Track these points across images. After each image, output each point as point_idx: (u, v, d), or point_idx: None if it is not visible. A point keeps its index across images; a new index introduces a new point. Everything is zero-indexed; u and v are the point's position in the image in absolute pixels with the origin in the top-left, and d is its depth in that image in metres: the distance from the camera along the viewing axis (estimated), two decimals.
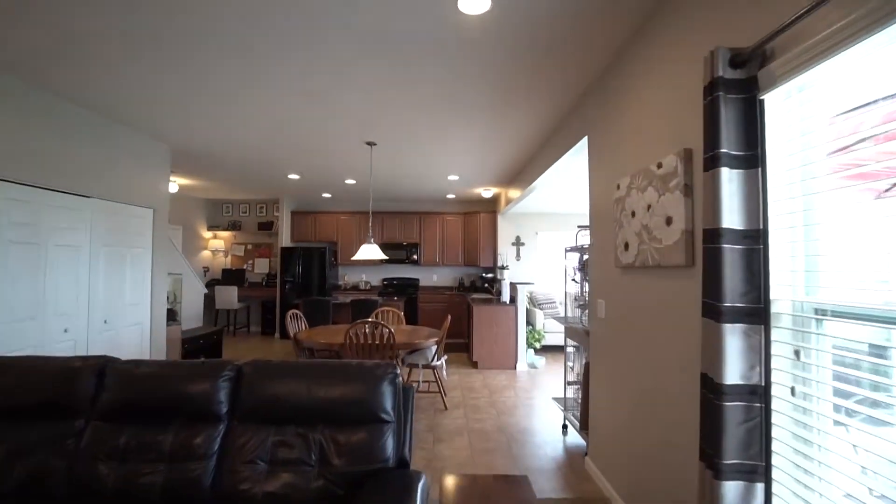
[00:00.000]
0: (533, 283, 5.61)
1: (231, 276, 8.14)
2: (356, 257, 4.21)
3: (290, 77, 2.87)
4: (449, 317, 4.35)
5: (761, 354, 1.27)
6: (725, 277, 1.29)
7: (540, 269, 7.87)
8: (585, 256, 3.29)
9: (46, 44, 2.47)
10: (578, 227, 3.51)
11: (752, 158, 1.30)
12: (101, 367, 1.86)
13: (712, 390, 1.30)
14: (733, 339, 1.27)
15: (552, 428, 3.63)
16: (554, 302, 7.06)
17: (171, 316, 4.83)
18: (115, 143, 3.85)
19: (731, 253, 1.29)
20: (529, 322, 6.47)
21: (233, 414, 1.82)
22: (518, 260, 7.84)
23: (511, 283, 5.88)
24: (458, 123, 3.73)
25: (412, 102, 3.27)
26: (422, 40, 2.36)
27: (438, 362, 4.14)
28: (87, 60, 2.68)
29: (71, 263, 3.41)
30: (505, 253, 7.74)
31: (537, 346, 6.16)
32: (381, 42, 2.39)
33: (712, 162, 1.34)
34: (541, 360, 6.09)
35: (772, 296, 1.29)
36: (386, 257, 4.40)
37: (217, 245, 8.24)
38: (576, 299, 3.51)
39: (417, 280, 8.26)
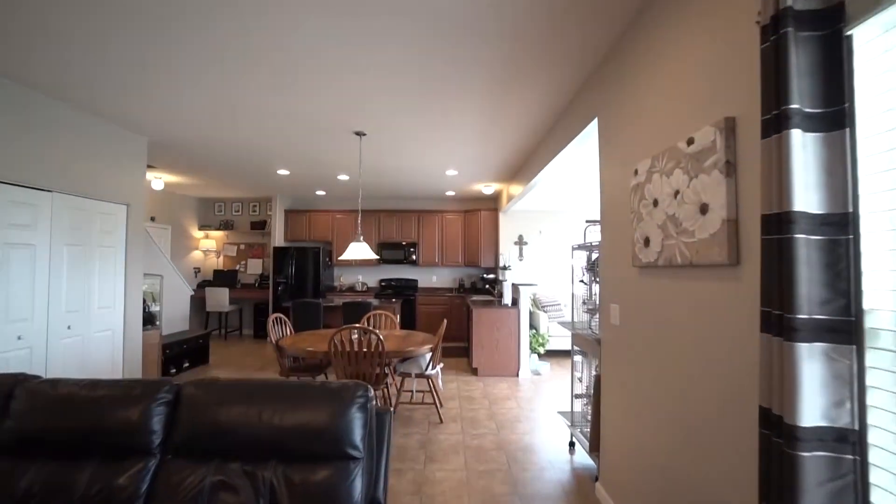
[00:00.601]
0: (536, 285, 5.27)
1: (223, 278, 7.84)
2: (344, 257, 3.88)
3: (266, 58, 2.55)
4: (445, 321, 4.02)
5: (853, 386, 0.92)
6: (798, 280, 0.94)
7: (544, 269, 7.51)
8: (595, 255, 2.94)
9: None
10: (587, 221, 3.17)
11: (836, 117, 0.96)
12: (10, 388, 1.54)
13: (780, 433, 0.96)
14: (811, 364, 0.93)
15: (558, 446, 3.28)
16: (559, 304, 6.70)
17: (150, 320, 4.52)
18: (82, 134, 3.54)
19: (805, 246, 0.95)
20: (533, 326, 6.12)
21: (167, 446, 1.49)
22: (521, 260, 7.49)
23: (513, 285, 5.54)
24: (454, 110, 3.40)
25: (402, 87, 2.94)
26: (406, 8, 2.03)
27: (433, 371, 3.80)
28: (43, 39, 2.37)
29: (25, 264, 3.10)
30: (507, 253, 7.40)
31: (541, 351, 5.81)
32: (364, 15, 2.06)
33: (777, 124, 0.99)
34: (545, 367, 5.74)
35: (865, 305, 0.95)
36: (376, 257, 4.07)
37: (209, 245, 7.94)
38: (584, 303, 3.16)
39: (416, 281, 7.93)
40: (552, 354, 6.41)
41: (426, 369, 3.75)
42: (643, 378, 1.98)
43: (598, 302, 2.83)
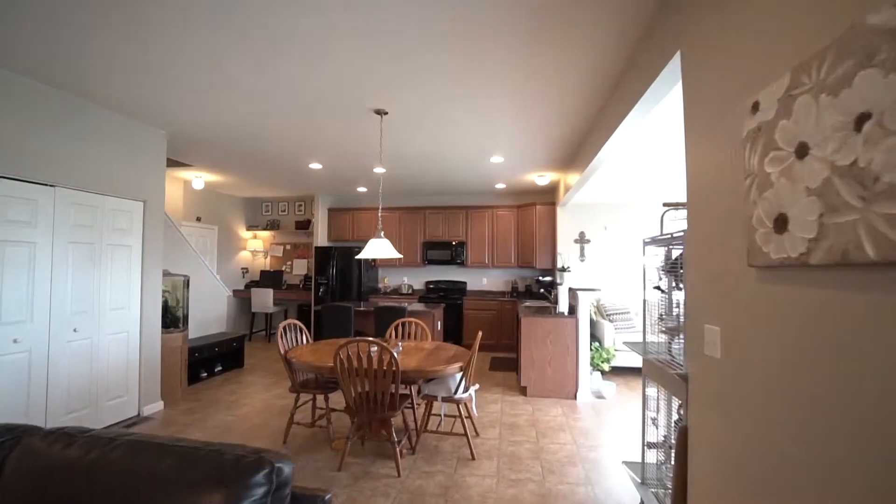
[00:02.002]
0: (599, 290, 4.38)
1: (269, 278, 7.76)
2: (362, 255, 3.33)
3: (287, 36, 2.07)
4: (479, 334, 3.31)
5: None
6: None
7: (609, 271, 6.50)
8: (678, 250, 2.09)
9: None
10: (665, 205, 2.31)
11: None
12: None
13: None
14: None
15: None
16: (628, 312, 5.69)
17: (174, 322, 4.32)
18: (91, 126, 3.34)
19: None
20: (596, 337, 5.20)
21: None
22: (582, 260, 6.55)
23: (570, 290, 4.68)
24: (488, 75, 2.70)
25: (426, 51, 2.31)
26: None
27: (465, 394, 3.12)
28: (51, 31, 2.09)
29: (23, 263, 2.90)
30: (566, 252, 6.49)
31: (605, 368, 4.88)
32: None
33: None
34: (610, 388, 4.80)
35: None
36: (400, 255, 3.48)
37: (256, 245, 7.91)
38: (660, 318, 2.31)
39: (464, 284, 7.28)
40: (619, 372, 5.42)
41: (456, 392, 3.08)
42: (764, 446, 1.16)
43: (681, 319, 1.99)
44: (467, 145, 4.36)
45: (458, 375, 3.12)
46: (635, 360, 5.30)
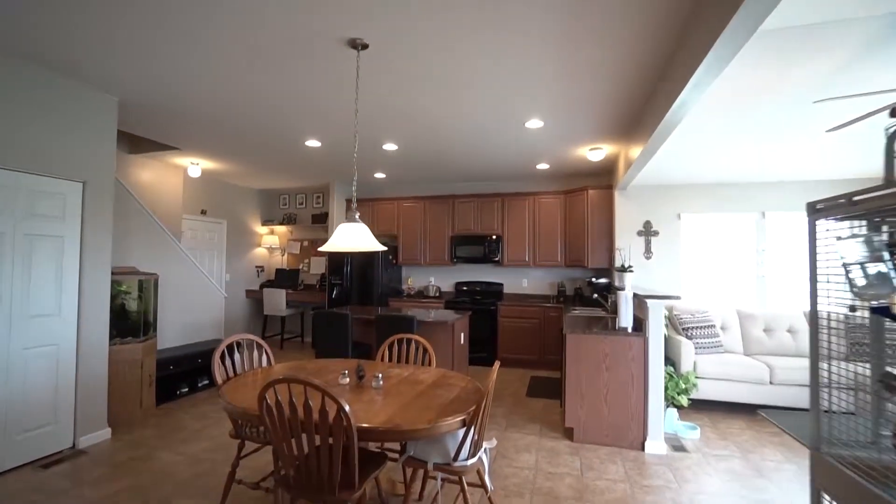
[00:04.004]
0: (679, 298, 3.09)
1: (284, 278, 7.05)
2: (325, 248, 2.32)
3: None
4: (496, 366, 2.18)
5: None
6: None
7: (685, 272, 5.09)
8: None
9: None
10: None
11: None
12: None
13: None
14: None
15: None
16: (713, 326, 4.29)
17: (135, 330, 3.58)
18: (8, 87, 2.62)
19: None
20: (668, 358, 3.88)
21: None
22: (648, 257, 5.18)
23: (637, 296, 3.42)
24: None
25: None
26: None
27: (469, 462, 2.01)
28: None
29: None
30: (627, 248, 5.17)
31: (684, 402, 3.55)
32: None
33: None
34: (691, 433, 3.49)
35: None
36: (383, 248, 2.43)
37: (272, 242, 7.24)
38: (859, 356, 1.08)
39: (500, 286, 6.14)
40: (702, 407, 4.05)
41: (457, 456, 1.99)
42: None
43: None
44: (495, 104, 3.24)
45: (461, 432, 2.02)
46: (725, 393, 3.92)
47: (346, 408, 1.62)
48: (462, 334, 4.23)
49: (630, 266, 4.63)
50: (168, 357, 4.04)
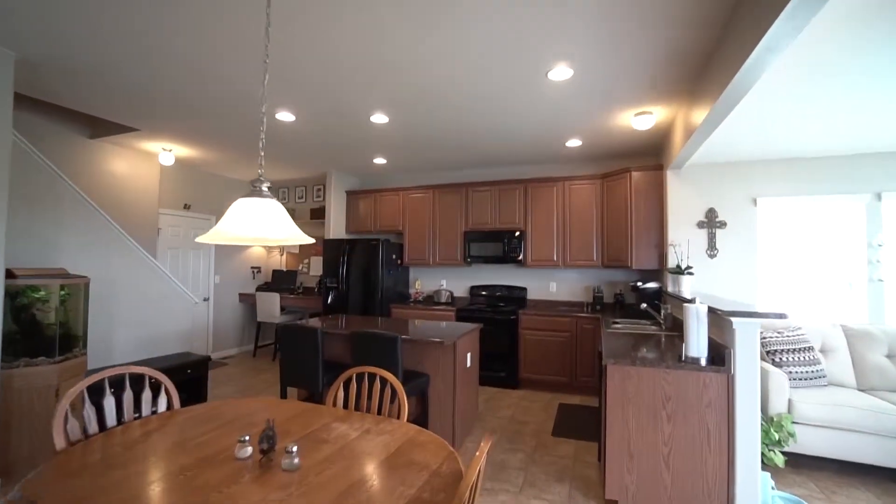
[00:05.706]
0: (785, 316, 2.03)
1: (281, 280, 6.33)
2: (204, 238, 1.44)
3: None
4: (485, 446, 1.25)
5: None
6: None
7: (765, 275, 3.93)
8: None
9: None
10: None
11: None
12: None
13: None
14: None
15: None
16: (811, 349, 3.14)
17: (49, 348, 2.86)
18: None
19: None
20: None
21: None
22: (712, 256, 4.06)
23: (713, 311, 2.35)
24: None
25: None
26: None
27: None
28: None
29: None
30: (684, 243, 4.06)
31: (779, 461, 2.46)
32: None
33: None
34: (790, 502, 2.39)
35: None
36: (311, 240, 1.54)
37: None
38: None
39: (524, 290, 5.14)
40: (803, 465, 2.91)
41: None
42: None
43: None
44: (503, 42, 2.29)
45: None
46: (839, 445, 2.77)
47: None
48: (468, 355, 3.29)
49: (689, 267, 3.57)
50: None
